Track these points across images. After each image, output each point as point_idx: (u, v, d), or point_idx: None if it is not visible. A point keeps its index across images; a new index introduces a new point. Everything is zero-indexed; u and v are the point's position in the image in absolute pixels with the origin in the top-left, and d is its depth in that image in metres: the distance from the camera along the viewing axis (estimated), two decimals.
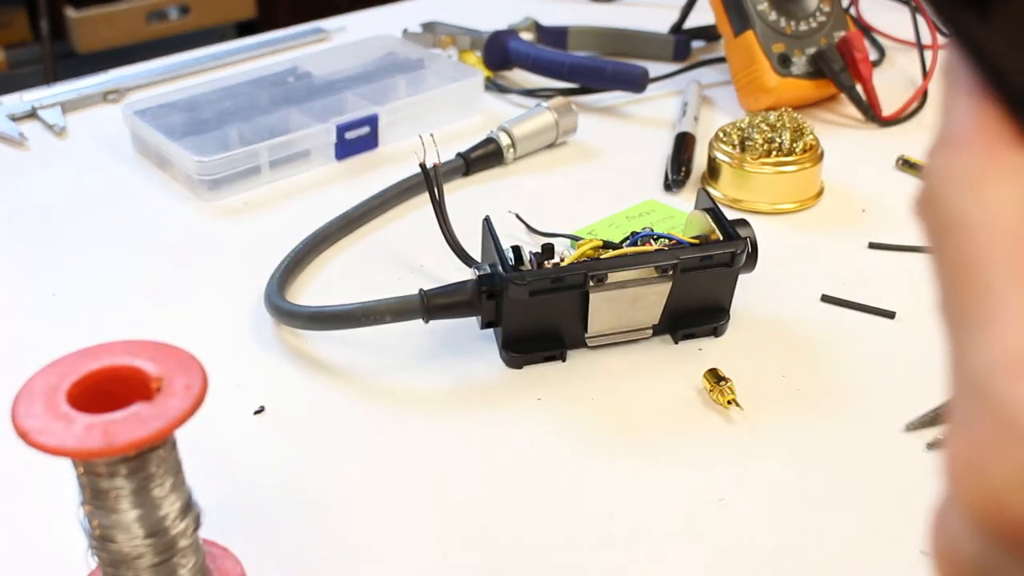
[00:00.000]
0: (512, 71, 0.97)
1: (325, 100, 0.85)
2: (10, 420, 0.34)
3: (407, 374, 0.59)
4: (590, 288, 0.56)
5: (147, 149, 0.83)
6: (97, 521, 0.37)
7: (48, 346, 0.45)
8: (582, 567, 0.47)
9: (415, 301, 0.58)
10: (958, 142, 0.22)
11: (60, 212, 0.77)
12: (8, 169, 0.84)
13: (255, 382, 0.59)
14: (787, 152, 0.74)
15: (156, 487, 0.37)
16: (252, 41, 1.07)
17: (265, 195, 0.78)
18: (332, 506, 0.50)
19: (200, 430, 0.39)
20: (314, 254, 0.70)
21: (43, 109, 0.91)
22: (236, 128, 0.81)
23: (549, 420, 0.55)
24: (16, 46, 2.31)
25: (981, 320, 0.21)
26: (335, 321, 0.59)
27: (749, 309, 0.63)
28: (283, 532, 0.49)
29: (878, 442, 0.54)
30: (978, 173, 0.21)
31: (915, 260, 0.68)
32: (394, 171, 0.79)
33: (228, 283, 0.68)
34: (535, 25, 1.02)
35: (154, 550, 0.38)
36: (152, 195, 0.79)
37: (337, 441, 0.55)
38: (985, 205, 0.21)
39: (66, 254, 0.72)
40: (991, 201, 0.21)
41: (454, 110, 0.88)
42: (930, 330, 0.62)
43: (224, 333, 0.63)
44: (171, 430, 0.34)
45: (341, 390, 0.58)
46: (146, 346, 0.37)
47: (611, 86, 0.90)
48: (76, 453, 0.33)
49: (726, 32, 0.88)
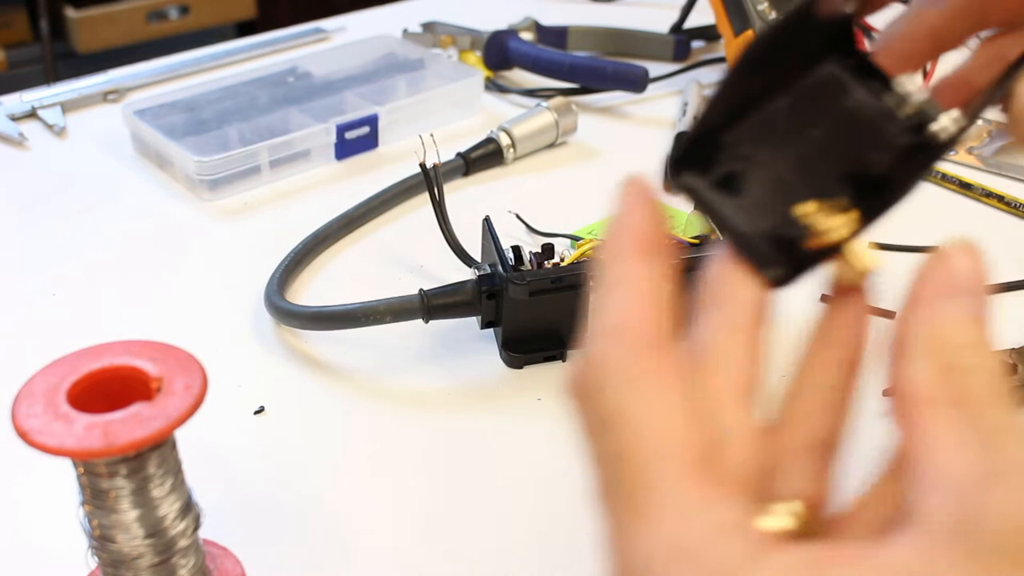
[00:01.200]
0: (512, 71, 0.97)
1: (325, 100, 0.85)
2: (10, 420, 0.34)
3: (407, 374, 0.59)
4: (590, 288, 0.56)
5: (147, 149, 0.83)
6: (97, 521, 0.37)
7: (48, 346, 0.45)
8: (582, 566, 0.47)
9: (415, 301, 0.58)
10: (618, 335, 0.24)
11: (60, 212, 0.77)
12: (8, 169, 0.84)
13: (255, 382, 0.59)
14: None
15: (156, 487, 0.37)
16: (252, 41, 1.07)
17: (265, 195, 0.78)
18: (332, 506, 0.50)
19: (200, 430, 0.39)
20: (314, 254, 0.70)
21: (43, 109, 0.91)
22: (236, 128, 0.81)
23: (549, 420, 0.55)
24: (16, 46, 2.31)
25: (640, 512, 0.22)
26: (335, 321, 0.59)
27: None
28: (283, 532, 0.49)
29: (879, 442, 0.53)
30: (637, 370, 0.23)
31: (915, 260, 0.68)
32: (394, 171, 0.79)
33: (228, 283, 0.68)
34: (535, 25, 1.02)
35: (154, 550, 0.38)
36: (152, 195, 0.79)
37: (337, 441, 0.55)
38: (644, 403, 0.23)
39: (66, 254, 0.72)
40: (649, 399, 0.23)
41: (454, 110, 0.88)
42: None
43: (224, 333, 0.63)
44: (171, 430, 0.34)
45: (341, 390, 0.58)
46: (146, 346, 0.37)
47: (611, 86, 0.90)
48: (76, 453, 0.33)
49: (726, 32, 0.88)
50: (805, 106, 0.32)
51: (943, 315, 0.25)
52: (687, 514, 0.22)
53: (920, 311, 0.26)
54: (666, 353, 0.24)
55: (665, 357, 0.24)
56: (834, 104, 0.32)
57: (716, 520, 0.22)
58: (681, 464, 0.22)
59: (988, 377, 0.24)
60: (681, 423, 0.23)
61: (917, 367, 0.25)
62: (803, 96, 0.32)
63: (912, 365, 0.25)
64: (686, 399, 0.23)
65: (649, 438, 0.23)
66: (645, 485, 0.23)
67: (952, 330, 0.25)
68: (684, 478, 0.22)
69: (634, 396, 0.23)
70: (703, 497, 0.22)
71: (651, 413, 0.23)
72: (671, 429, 0.23)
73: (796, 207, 0.30)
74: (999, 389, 0.24)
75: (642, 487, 0.23)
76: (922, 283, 0.26)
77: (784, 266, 0.30)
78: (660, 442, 0.23)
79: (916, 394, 0.25)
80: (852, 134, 0.31)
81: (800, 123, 0.31)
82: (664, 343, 0.24)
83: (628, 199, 0.27)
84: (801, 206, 0.30)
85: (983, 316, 0.25)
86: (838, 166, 0.31)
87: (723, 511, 0.23)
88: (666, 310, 0.25)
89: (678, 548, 0.22)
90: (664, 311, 0.24)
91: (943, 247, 0.26)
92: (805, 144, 0.31)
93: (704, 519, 0.22)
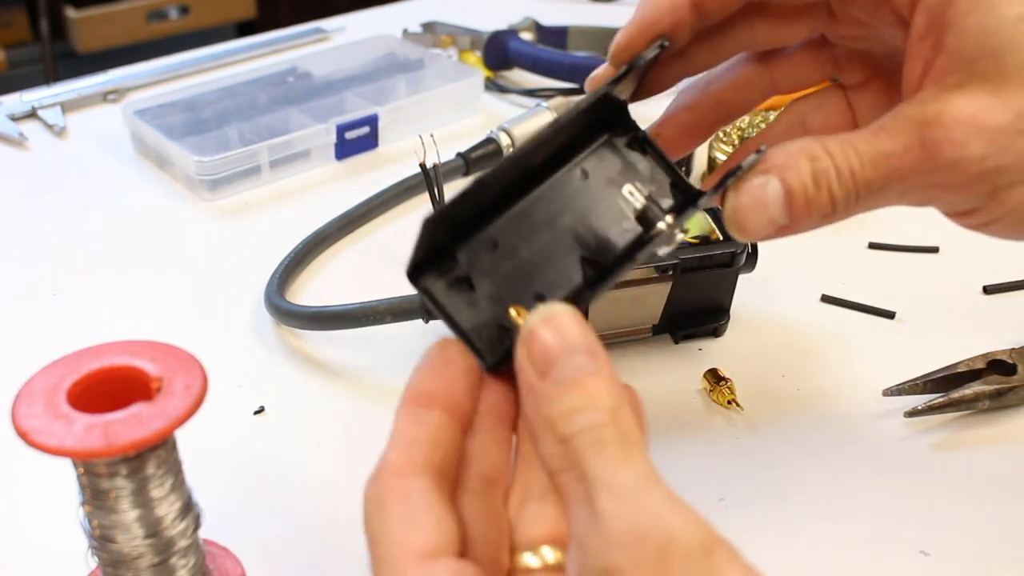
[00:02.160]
0: (512, 71, 0.97)
1: (325, 100, 0.85)
2: (10, 420, 0.34)
3: (407, 374, 0.59)
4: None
5: (147, 149, 0.83)
6: (97, 521, 0.37)
7: (48, 346, 0.45)
8: None
9: (415, 301, 0.58)
10: (376, 472, 0.32)
11: (60, 212, 0.77)
12: (8, 169, 0.84)
13: (255, 382, 0.59)
14: None
15: (156, 487, 0.37)
16: (252, 41, 1.07)
17: (265, 195, 0.78)
18: (332, 506, 0.50)
19: (200, 430, 0.39)
20: (314, 254, 0.70)
21: (43, 109, 0.91)
22: (236, 128, 0.81)
23: None
24: (16, 46, 2.31)
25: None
26: (335, 321, 0.59)
27: (749, 309, 0.63)
28: (283, 532, 0.49)
29: (879, 442, 0.54)
30: (384, 495, 0.31)
31: (915, 260, 0.68)
32: (394, 171, 0.79)
33: (228, 283, 0.68)
34: (535, 25, 1.02)
35: (154, 550, 0.38)
36: (152, 195, 0.79)
37: (337, 441, 0.55)
38: (381, 521, 0.31)
39: (66, 254, 0.72)
40: (385, 517, 0.31)
41: (454, 110, 0.88)
42: (930, 330, 0.62)
43: (224, 333, 0.63)
44: (171, 430, 0.34)
45: (341, 390, 0.58)
46: (146, 346, 0.37)
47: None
48: (76, 453, 0.33)
49: None
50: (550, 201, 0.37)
51: (544, 394, 0.29)
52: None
53: (526, 396, 0.30)
54: (407, 480, 0.31)
55: (406, 482, 0.31)
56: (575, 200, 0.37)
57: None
58: (401, 560, 0.30)
59: (591, 434, 0.28)
60: (407, 528, 0.30)
61: (542, 446, 0.30)
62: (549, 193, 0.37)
63: (540, 446, 0.30)
64: (421, 507, 0.31)
65: (381, 543, 0.31)
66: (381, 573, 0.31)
67: (552, 405, 0.29)
68: (403, 571, 0.30)
69: (378, 516, 0.31)
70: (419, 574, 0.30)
71: (383, 525, 0.31)
72: (400, 535, 0.30)
73: (511, 307, 0.34)
74: (604, 439, 0.28)
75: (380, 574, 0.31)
76: (520, 370, 0.30)
77: (496, 355, 0.35)
78: (387, 545, 0.30)
79: (550, 469, 0.30)
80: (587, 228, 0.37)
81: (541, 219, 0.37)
82: (408, 472, 0.31)
83: (417, 365, 0.34)
84: (514, 307, 0.34)
85: (582, 372, 0.29)
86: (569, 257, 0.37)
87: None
88: (419, 449, 0.32)
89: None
90: (416, 450, 0.32)
91: (525, 324, 0.31)
92: (545, 238, 0.37)
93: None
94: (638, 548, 0.26)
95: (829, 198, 0.36)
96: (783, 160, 0.37)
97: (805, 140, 0.37)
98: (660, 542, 0.27)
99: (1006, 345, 0.57)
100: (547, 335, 0.30)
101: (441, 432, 0.33)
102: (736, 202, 0.38)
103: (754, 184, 0.37)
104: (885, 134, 0.36)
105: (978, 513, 0.49)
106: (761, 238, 0.38)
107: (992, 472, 0.51)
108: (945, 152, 0.35)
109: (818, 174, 0.36)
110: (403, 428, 0.33)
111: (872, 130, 0.37)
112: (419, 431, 0.32)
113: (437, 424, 0.33)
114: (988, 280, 0.65)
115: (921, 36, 0.37)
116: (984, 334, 0.59)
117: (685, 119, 0.45)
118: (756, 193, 0.37)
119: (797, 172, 0.36)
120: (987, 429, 0.54)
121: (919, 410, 0.53)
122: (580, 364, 0.30)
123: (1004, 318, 0.62)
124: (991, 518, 0.49)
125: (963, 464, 0.52)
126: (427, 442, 0.32)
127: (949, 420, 0.54)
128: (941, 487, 0.51)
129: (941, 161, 0.35)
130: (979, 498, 0.50)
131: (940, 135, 0.35)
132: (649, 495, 0.27)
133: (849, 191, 0.36)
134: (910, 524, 0.48)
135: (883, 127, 0.37)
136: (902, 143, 0.36)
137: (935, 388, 0.54)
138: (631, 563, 0.26)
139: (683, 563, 0.26)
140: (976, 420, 0.54)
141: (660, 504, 0.27)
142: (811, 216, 0.37)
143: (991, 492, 0.50)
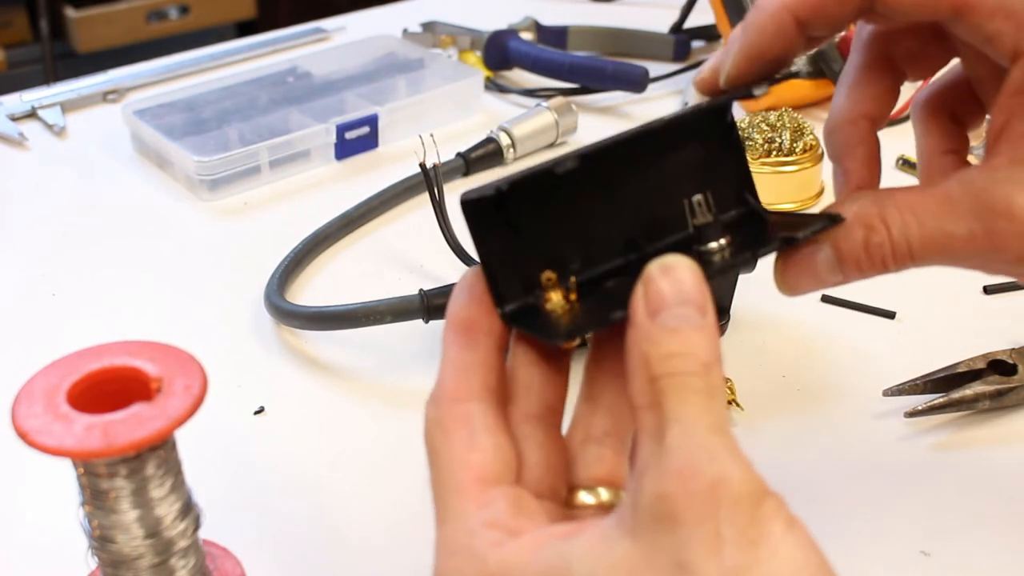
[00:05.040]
0: (512, 71, 0.97)
1: (325, 100, 0.85)
2: (10, 420, 0.34)
3: (407, 374, 0.59)
4: None
5: (147, 149, 0.83)
6: (97, 521, 0.37)
7: (48, 346, 0.45)
8: None
9: (415, 301, 0.58)
10: (434, 395, 0.33)
11: (60, 212, 0.77)
12: (8, 169, 0.84)
13: (255, 382, 0.59)
14: (787, 152, 0.74)
15: (156, 487, 0.37)
16: (252, 41, 1.07)
17: (265, 195, 0.78)
18: (332, 506, 0.50)
19: (200, 430, 0.39)
20: (314, 254, 0.70)
21: (43, 109, 0.91)
22: (236, 128, 0.81)
23: None
24: (16, 46, 2.31)
25: (439, 518, 0.32)
26: (335, 321, 0.59)
27: (749, 309, 0.63)
28: (283, 532, 0.49)
29: (879, 442, 0.54)
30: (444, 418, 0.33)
31: None
32: (394, 171, 0.79)
33: (228, 283, 0.68)
34: (535, 25, 1.02)
35: (154, 550, 0.38)
36: (152, 195, 0.79)
37: (337, 441, 0.55)
38: (444, 441, 0.32)
39: (66, 254, 0.72)
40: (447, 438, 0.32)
41: (454, 110, 0.88)
42: (930, 330, 0.62)
43: (224, 333, 0.63)
44: (171, 430, 0.34)
45: (341, 390, 0.58)
46: (146, 346, 0.37)
47: (611, 86, 0.90)
48: (76, 453, 0.33)
49: (726, 32, 0.88)
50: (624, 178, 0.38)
51: (647, 333, 0.30)
52: (461, 519, 0.31)
53: (632, 333, 0.31)
54: (467, 404, 0.33)
55: (466, 406, 0.33)
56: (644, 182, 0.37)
57: (480, 519, 0.31)
58: (464, 483, 0.32)
59: (680, 379, 0.29)
60: (469, 451, 0.32)
61: (633, 382, 0.30)
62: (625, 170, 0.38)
63: (631, 382, 0.30)
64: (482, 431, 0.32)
65: (444, 465, 0.32)
66: (441, 498, 0.32)
67: (651, 345, 0.30)
68: (464, 493, 0.32)
69: (442, 439, 0.33)
70: (477, 504, 0.31)
71: (447, 448, 0.32)
72: (461, 458, 0.32)
73: (545, 272, 0.35)
74: (690, 386, 0.29)
75: (440, 500, 0.32)
76: (632, 308, 0.31)
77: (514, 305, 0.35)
78: (451, 468, 0.32)
79: (635, 404, 0.30)
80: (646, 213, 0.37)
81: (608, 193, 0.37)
82: (465, 397, 0.33)
83: (455, 291, 0.35)
84: (547, 272, 0.35)
85: (688, 324, 0.30)
86: (616, 236, 0.37)
87: (488, 513, 0.31)
88: (474, 374, 0.33)
89: (452, 543, 0.31)
90: (472, 375, 0.33)
91: (648, 268, 0.31)
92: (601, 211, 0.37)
93: (471, 521, 0.31)
94: (693, 481, 0.28)
95: (882, 266, 0.37)
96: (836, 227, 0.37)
97: (864, 202, 0.37)
98: (713, 480, 0.28)
99: (1006, 345, 0.57)
100: (664, 282, 0.31)
101: (492, 356, 0.34)
102: (785, 264, 0.38)
103: (804, 251, 0.38)
104: (951, 213, 0.36)
105: (978, 513, 0.49)
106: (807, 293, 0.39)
107: (992, 472, 0.51)
108: (1012, 246, 0.35)
109: (872, 248, 0.37)
110: (455, 355, 0.34)
111: (939, 201, 0.36)
112: (471, 356, 0.33)
113: (487, 348, 0.34)
114: (988, 280, 0.65)
115: (1014, 92, 0.36)
116: (984, 334, 0.59)
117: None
118: (807, 261, 0.38)
119: (851, 243, 0.37)
120: (987, 429, 0.54)
121: (919, 410, 0.53)
122: (688, 315, 0.30)
123: (1004, 318, 0.62)
124: (991, 518, 0.49)
125: (963, 464, 0.52)
126: (481, 366, 0.33)
127: (949, 420, 0.54)
128: (941, 487, 0.51)
129: (1008, 254, 0.35)
130: (979, 498, 0.50)
131: (1008, 229, 0.35)
132: (715, 440, 0.28)
133: (904, 262, 0.37)
134: (910, 524, 0.48)
135: (951, 199, 0.36)
136: (967, 228, 0.35)
137: (935, 388, 0.54)
138: (683, 493, 0.28)
139: (732, 504, 0.28)
140: (976, 420, 0.54)
141: (722, 449, 0.28)
142: (863, 276, 0.38)
143: (991, 492, 0.50)
